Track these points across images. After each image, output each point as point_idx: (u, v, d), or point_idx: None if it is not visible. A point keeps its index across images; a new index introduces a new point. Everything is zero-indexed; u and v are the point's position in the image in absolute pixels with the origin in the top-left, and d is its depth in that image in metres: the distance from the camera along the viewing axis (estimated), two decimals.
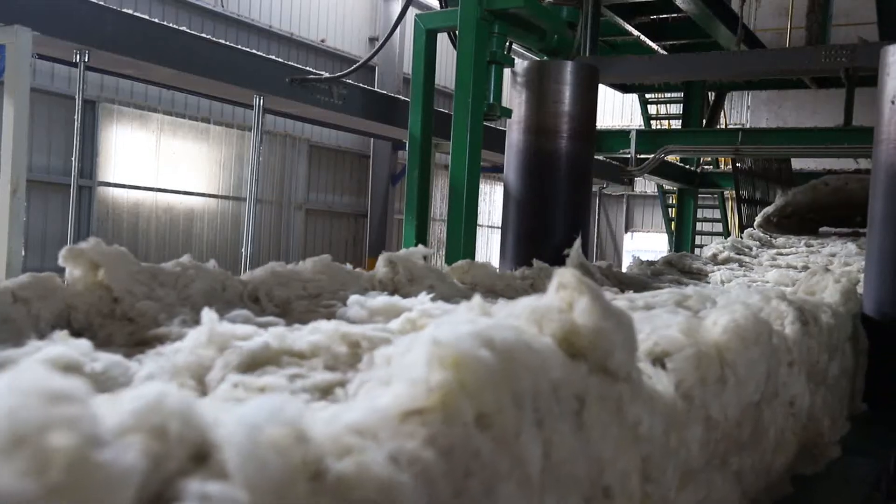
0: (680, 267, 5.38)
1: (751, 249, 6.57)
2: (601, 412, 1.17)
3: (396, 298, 2.20)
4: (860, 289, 3.91)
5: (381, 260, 2.79)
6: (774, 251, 6.54)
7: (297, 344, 1.42)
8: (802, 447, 2.39)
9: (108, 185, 11.90)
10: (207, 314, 1.43)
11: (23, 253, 5.47)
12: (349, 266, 2.64)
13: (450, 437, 0.85)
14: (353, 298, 2.15)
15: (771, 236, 7.37)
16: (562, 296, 1.18)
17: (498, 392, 0.93)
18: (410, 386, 0.87)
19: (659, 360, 1.54)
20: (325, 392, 1.25)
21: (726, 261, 5.91)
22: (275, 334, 1.44)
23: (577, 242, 4.08)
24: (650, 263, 5.29)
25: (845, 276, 3.65)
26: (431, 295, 2.15)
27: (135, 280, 1.90)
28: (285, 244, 14.88)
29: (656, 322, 1.69)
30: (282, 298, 2.27)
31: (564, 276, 1.20)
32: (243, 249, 8.48)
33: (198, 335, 1.41)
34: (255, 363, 1.34)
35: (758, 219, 8.32)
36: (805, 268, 5.14)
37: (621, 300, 2.60)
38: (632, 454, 1.26)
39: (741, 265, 5.77)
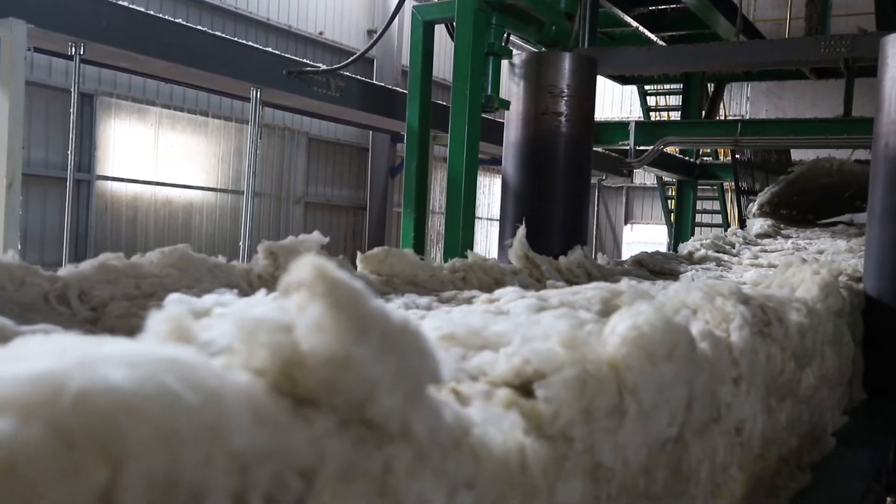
0: (650, 267, 4.82)
1: (733, 247, 6.07)
2: (349, 496, 0.70)
3: (231, 297, 1.66)
4: (860, 285, 3.88)
5: (261, 251, 2.31)
6: (758, 248, 6.12)
7: None
8: (758, 481, 1.94)
9: (107, 178, 11.89)
10: None
11: (19, 247, 5.46)
12: (218, 258, 2.26)
13: None
14: (173, 297, 1.61)
15: (757, 235, 7.19)
16: (293, 301, 0.73)
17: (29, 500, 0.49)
18: None
19: (527, 386, 1.11)
20: None
21: (703, 259, 5.35)
22: None
23: (521, 230, 3.66)
24: (618, 264, 4.84)
25: (825, 267, 3.20)
26: (274, 294, 1.57)
27: None
28: (284, 237, 14.87)
29: (535, 330, 1.22)
30: (102, 299, 1.87)
31: (299, 270, 0.73)
32: (241, 243, 8.47)
33: None
34: None
35: (753, 208, 8.22)
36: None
37: (530, 297, 1.98)
38: None
39: (719, 264, 5.26)
